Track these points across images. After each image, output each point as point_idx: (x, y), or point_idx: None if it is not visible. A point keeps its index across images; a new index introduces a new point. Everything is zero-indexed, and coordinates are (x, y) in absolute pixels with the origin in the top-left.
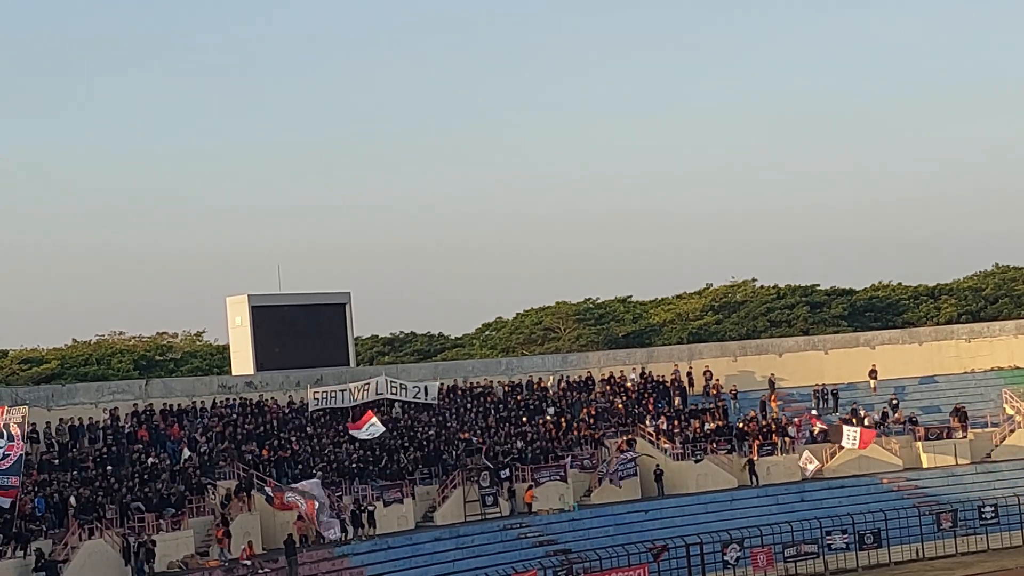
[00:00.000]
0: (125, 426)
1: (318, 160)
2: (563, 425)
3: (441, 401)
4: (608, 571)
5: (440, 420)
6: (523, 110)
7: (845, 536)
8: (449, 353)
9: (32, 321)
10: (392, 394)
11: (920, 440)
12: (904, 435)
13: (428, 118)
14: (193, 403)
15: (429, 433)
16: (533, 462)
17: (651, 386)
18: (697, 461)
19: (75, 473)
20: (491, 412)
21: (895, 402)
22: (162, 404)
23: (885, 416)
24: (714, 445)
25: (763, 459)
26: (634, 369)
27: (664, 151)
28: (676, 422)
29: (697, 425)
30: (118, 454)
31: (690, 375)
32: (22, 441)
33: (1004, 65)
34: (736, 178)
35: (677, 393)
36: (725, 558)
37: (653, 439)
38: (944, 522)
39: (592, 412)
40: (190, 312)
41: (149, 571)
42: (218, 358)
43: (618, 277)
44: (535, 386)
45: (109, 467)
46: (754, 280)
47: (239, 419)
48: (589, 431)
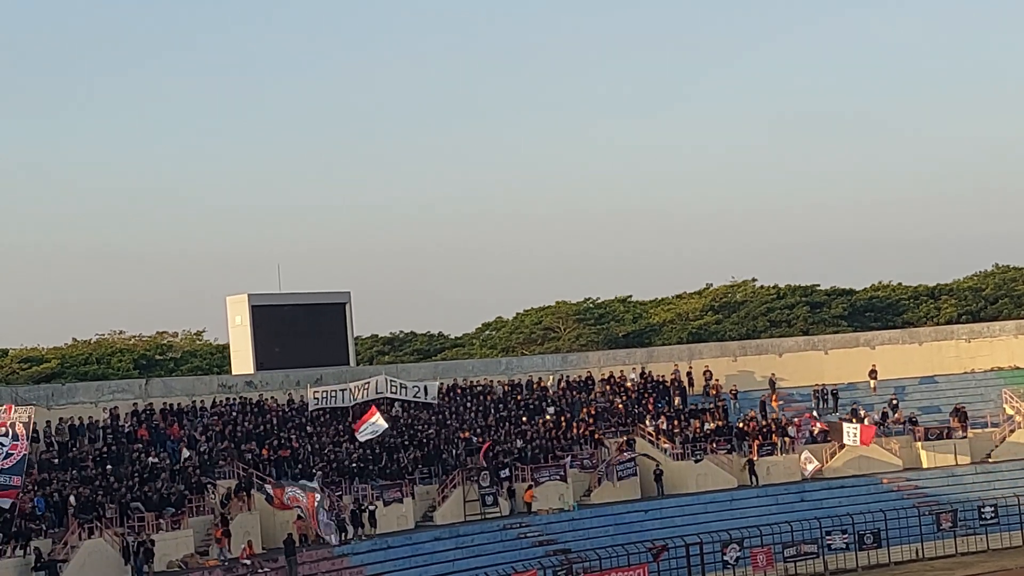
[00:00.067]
0: (125, 425)
1: (318, 160)
2: (563, 425)
3: (441, 401)
4: (608, 571)
5: (440, 420)
6: (523, 110)
7: (845, 536)
8: (449, 353)
9: (32, 321)
10: (392, 393)
11: (920, 440)
12: (904, 435)
13: (428, 118)
14: (193, 402)
15: (429, 433)
16: (533, 462)
17: (651, 386)
18: (697, 461)
19: (75, 472)
20: (491, 411)
21: (895, 402)
22: (162, 403)
23: (885, 416)
24: (714, 445)
25: (763, 459)
26: (634, 369)
27: (664, 151)
28: (676, 422)
29: (697, 425)
30: (118, 453)
31: (690, 375)
32: (27, 441)
33: (1004, 65)
34: (736, 178)
35: (677, 393)
36: (725, 558)
37: (653, 439)
38: (944, 522)
39: (592, 412)
40: (190, 312)
41: (149, 570)
42: (218, 357)
43: (618, 277)
44: (535, 386)
45: (109, 466)
46: (754, 280)
47: (239, 418)
48: (589, 431)
